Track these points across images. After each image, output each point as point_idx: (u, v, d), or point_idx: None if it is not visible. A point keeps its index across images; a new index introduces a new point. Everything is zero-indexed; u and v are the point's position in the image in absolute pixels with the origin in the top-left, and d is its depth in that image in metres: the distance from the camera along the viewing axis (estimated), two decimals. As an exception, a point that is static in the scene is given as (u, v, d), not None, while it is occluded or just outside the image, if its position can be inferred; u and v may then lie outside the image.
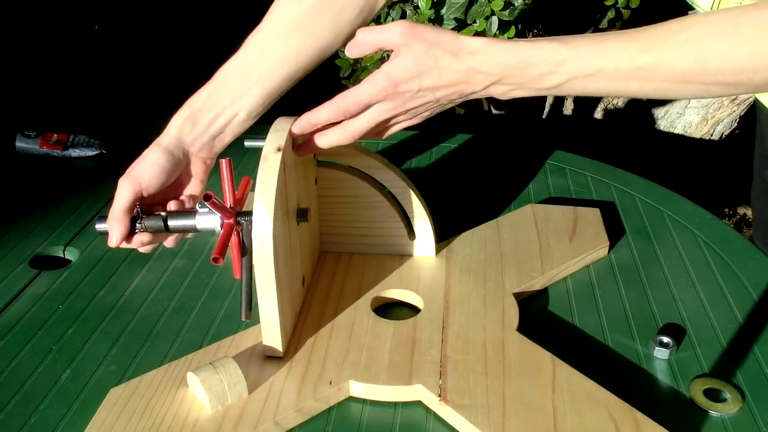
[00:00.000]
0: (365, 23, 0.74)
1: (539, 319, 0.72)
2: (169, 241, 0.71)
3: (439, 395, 0.60)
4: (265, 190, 0.60)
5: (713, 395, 0.62)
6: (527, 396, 0.60)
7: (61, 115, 1.31)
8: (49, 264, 0.84)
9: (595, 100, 2.09)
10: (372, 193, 0.76)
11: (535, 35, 1.76)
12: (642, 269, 0.80)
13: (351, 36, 0.72)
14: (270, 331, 0.64)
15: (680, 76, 0.55)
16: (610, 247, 0.83)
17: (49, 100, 2.07)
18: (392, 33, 0.61)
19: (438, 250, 0.80)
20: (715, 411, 0.60)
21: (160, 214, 0.67)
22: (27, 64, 2.09)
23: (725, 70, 0.54)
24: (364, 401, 0.63)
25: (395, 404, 0.62)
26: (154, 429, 0.58)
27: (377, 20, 1.53)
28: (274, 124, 0.66)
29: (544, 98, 2.16)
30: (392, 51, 0.62)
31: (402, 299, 0.75)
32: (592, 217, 0.87)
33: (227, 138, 0.71)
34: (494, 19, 1.54)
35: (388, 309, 0.74)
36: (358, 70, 1.67)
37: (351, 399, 0.63)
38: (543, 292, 0.76)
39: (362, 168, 0.77)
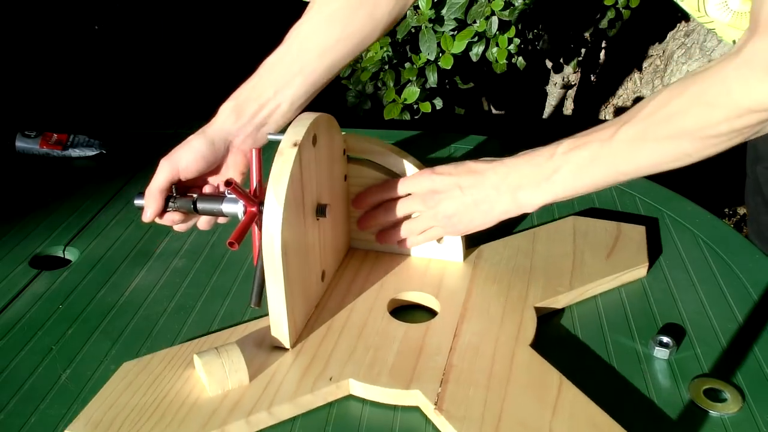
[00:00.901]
0: (402, 14, 0.76)
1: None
2: (202, 223, 0.74)
3: (435, 403, 0.59)
4: (278, 183, 0.60)
5: (713, 395, 0.62)
6: (525, 414, 0.58)
7: (61, 115, 1.31)
8: (49, 264, 0.84)
9: (595, 101, 2.09)
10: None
11: (535, 35, 1.76)
12: (642, 269, 0.80)
13: (389, 27, 0.76)
14: (277, 323, 0.65)
15: (665, 138, 0.60)
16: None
17: (49, 100, 2.07)
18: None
19: (467, 256, 0.78)
20: (715, 411, 0.60)
21: (192, 196, 0.70)
22: (27, 64, 2.09)
23: (705, 124, 0.57)
24: (364, 401, 0.63)
25: (395, 407, 0.62)
26: (154, 405, 0.60)
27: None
28: (296, 119, 0.66)
29: (544, 98, 2.16)
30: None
31: (420, 302, 0.74)
32: (635, 235, 0.82)
33: (270, 130, 0.72)
34: (494, 19, 1.54)
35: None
36: (358, 70, 1.67)
37: (352, 399, 0.63)
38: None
39: (394, 168, 0.76)
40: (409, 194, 0.74)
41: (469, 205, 0.70)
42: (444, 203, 0.71)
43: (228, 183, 0.65)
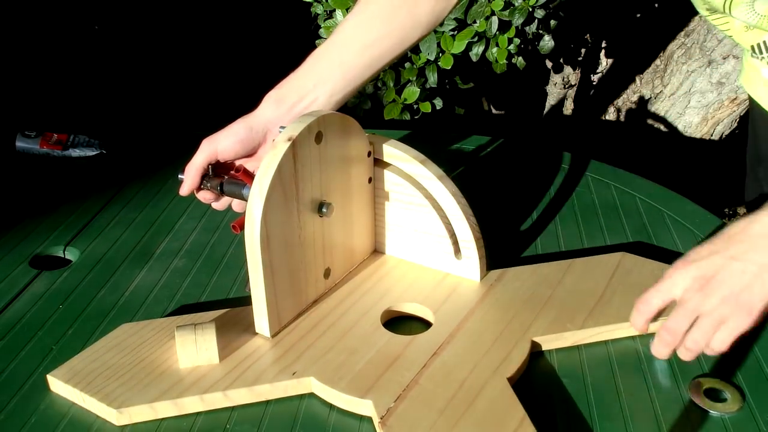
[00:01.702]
0: (443, 15, 0.77)
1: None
2: (236, 205, 0.76)
3: (382, 417, 0.57)
4: (263, 176, 0.62)
5: (713, 395, 0.62)
6: None
7: (61, 115, 1.31)
8: (49, 264, 0.84)
9: (595, 101, 2.09)
10: (425, 203, 0.74)
11: (535, 35, 1.76)
12: (642, 269, 0.79)
13: (432, 25, 0.77)
14: (258, 311, 0.66)
15: None
16: (611, 248, 0.82)
17: (49, 100, 2.07)
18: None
19: (487, 277, 0.75)
20: (715, 411, 0.60)
21: (222, 177, 0.74)
22: (27, 64, 2.10)
23: None
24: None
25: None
26: (129, 367, 0.64)
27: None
28: (303, 115, 0.67)
29: (544, 98, 2.16)
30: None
31: (416, 314, 0.72)
32: None
33: None
34: (494, 19, 1.54)
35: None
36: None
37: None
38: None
39: (416, 177, 0.73)
40: (673, 299, 0.62)
41: (755, 272, 0.60)
42: (727, 282, 0.60)
43: (237, 169, 0.68)
